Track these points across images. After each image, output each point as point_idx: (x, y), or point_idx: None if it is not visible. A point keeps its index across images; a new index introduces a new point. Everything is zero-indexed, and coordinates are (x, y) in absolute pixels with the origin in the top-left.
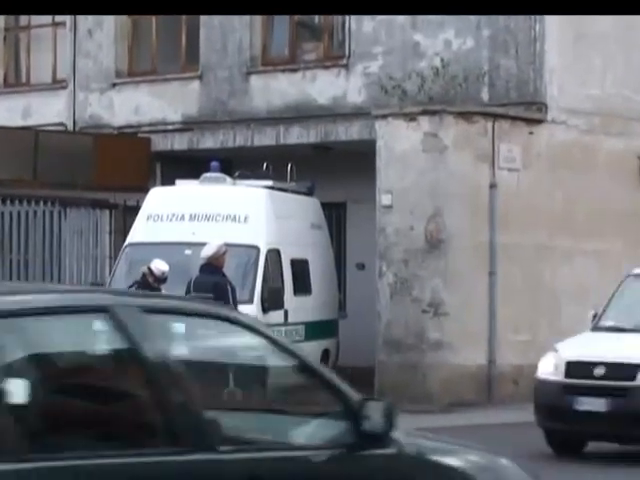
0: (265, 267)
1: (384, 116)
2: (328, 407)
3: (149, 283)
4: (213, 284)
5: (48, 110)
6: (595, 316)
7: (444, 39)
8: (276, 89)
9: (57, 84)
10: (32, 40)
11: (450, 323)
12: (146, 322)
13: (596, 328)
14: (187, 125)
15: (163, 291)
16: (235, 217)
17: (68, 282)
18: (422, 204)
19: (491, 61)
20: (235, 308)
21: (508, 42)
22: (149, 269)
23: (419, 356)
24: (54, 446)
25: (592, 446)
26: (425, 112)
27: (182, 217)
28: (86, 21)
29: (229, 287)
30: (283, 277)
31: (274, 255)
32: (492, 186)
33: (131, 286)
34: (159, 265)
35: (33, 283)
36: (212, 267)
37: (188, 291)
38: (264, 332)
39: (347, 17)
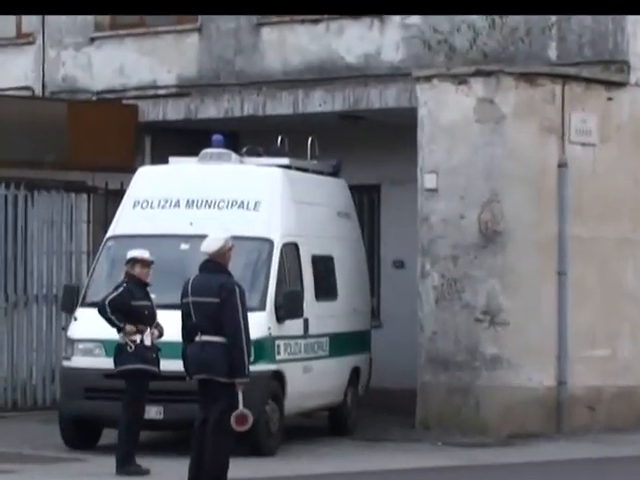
0: (280, 265)
1: (427, 78)
2: None
3: (138, 279)
4: (218, 286)
5: (11, 71)
6: None
7: None
8: (293, 44)
9: (22, 39)
10: None
11: (510, 335)
12: None
13: None
14: (183, 89)
15: (152, 295)
16: (243, 203)
17: (36, 284)
18: (475, 187)
19: None
20: (245, 316)
21: None
22: (132, 260)
23: (472, 376)
24: None
25: None
26: (478, 73)
27: (177, 203)
28: None
29: (237, 290)
30: (302, 278)
31: (291, 250)
32: (561, 165)
33: (116, 289)
34: (140, 252)
35: None
36: (216, 265)
37: (185, 295)
38: None
39: None
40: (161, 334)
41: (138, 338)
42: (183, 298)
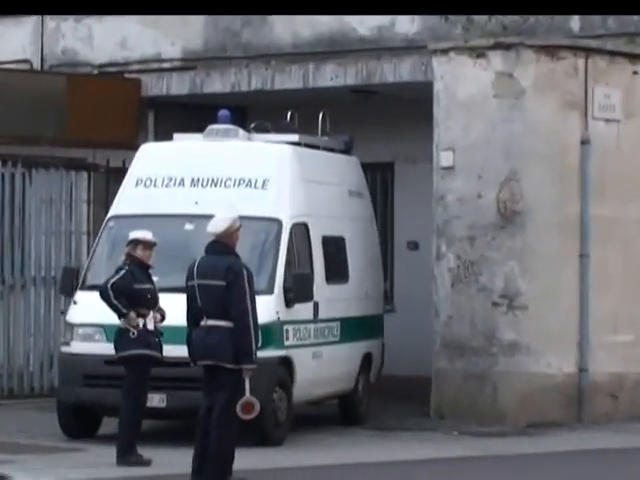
0: (289, 247)
1: (444, 51)
2: None
3: (140, 262)
4: (225, 269)
5: (8, 43)
6: None
7: None
8: (304, 16)
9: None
10: None
11: (529, 320)
12: None
13: None
14: (188, 63)
15: (154, 278)
16: (250, 182)
17: (33, 266)
18: (493, 165)
19: None
20: (253, 300)
21: None
22: (133, 242)
23: (488, 363)
24: None
25: None
26: (497, 46)
27: (181, 182)
28: None
29: (245, 272)
30: (312, 260)
31: (301, 231)
32: (584, 142)
33: (118, 272)
34: (142, 233)
35: None
36: (222, 247)
37: (190, 277)
38: None
39: None
40: (163, 318)
41: (141, 322)
42: (188, 281)
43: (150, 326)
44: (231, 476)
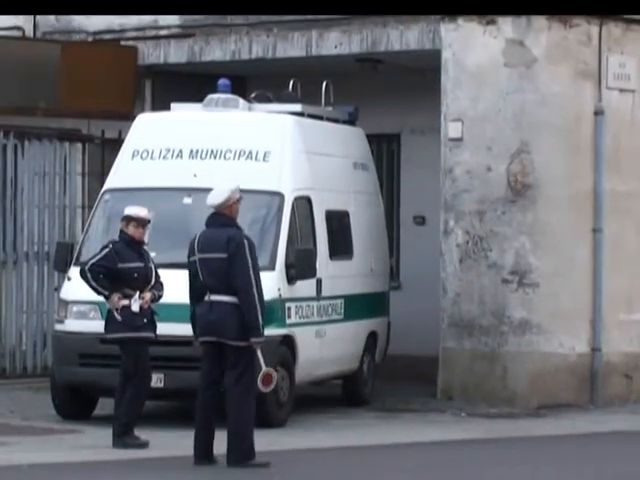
0: (291, 221)
1: (452, 18)
2: None
3: (132, 238)
4: (226, 240)
5: None
6: None
7: None
8: None
9: None
10: None
11: (540, 298)
12: None
13: None
14: (186, 30)
15: (152, 254)
16: (251, 154)
17: (26, 241)
18: (503, 137)
19: None
20: (256, 271)
21: None
22: (126, 218)
23: (498, 342)
24: None
25: None
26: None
27: (180, 154)
28: None
29: (246, 243)
30: (315, 235)
31: (303, 205)
32: (598, 113)
33: (101, 251)
34: (136, 210)
35: None
36: (222, 218)
37: (191, 253)
38: None
39: None
40: (155, 297)
41: (125, 303)
42: (190, 256)
43: (134, 308)
44: (254, 459)
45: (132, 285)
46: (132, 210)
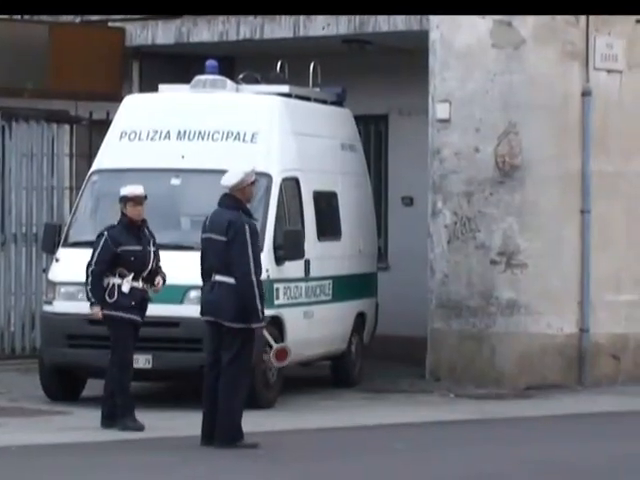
0: (279, 202)
1: None
2: None
3: (131, 220)
4: (227, 224)
5: None
6: None
7: None
8: None
9: None
10: None
11: (528, 278)
12: None
13: None
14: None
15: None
16: (239, 135)
17: (14, 222)
18: (491, 118)
19: None
20: (256, 257)
21: None
22: (124, 199)
23: (486, 323)
24: None
25: None
26: None
27: (167, 135)
28: None
29: (247, 228)
30: (303, 216)
31: (291, 186)
32: (585, 94)
33: (101, 236)
34: (131, 189)
35: None
36: (232, 200)
37: (203, 230)
38: None
39: None
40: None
41: (116, 282)
42: (202, 234)
43: (125, 289)
44: (243, 440)
45: (128, 267)
46: (128, 190)
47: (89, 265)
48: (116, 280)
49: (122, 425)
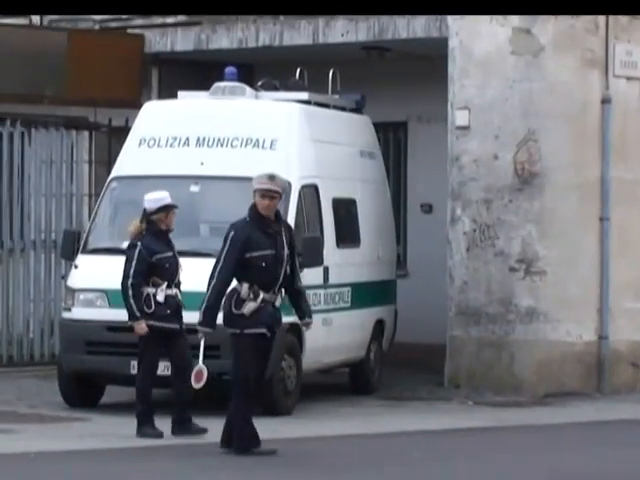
0: (298, 209)
1: None
2: None
3: (157, 228)
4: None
5: None
6: None
7: None
8: None
9: None
10: None
11: (547, 286)
12: None
13: None
14: (193, 18)
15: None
16: (258, 142)
17: (33, 229)
18: (510, 125)
19: None
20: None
21: None
22: (166, 208)
23: (505, 330)
24: None
25: None
26: None
27: (186, 141)
28: None
29: (231, 233)
30: (322, 223)
31: (310, 193)
32: (605, 101)
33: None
34: (154, 195)
35: None
36: (250, 207)
37: None
38: None
39: None
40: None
41: (151, 291)
42: None
43: (160, 298)
44: (260, 447)
45: (162, 275)
46: (166, 198)
47: (126, 278)
48: (150, 289)
49: (141, 432)
